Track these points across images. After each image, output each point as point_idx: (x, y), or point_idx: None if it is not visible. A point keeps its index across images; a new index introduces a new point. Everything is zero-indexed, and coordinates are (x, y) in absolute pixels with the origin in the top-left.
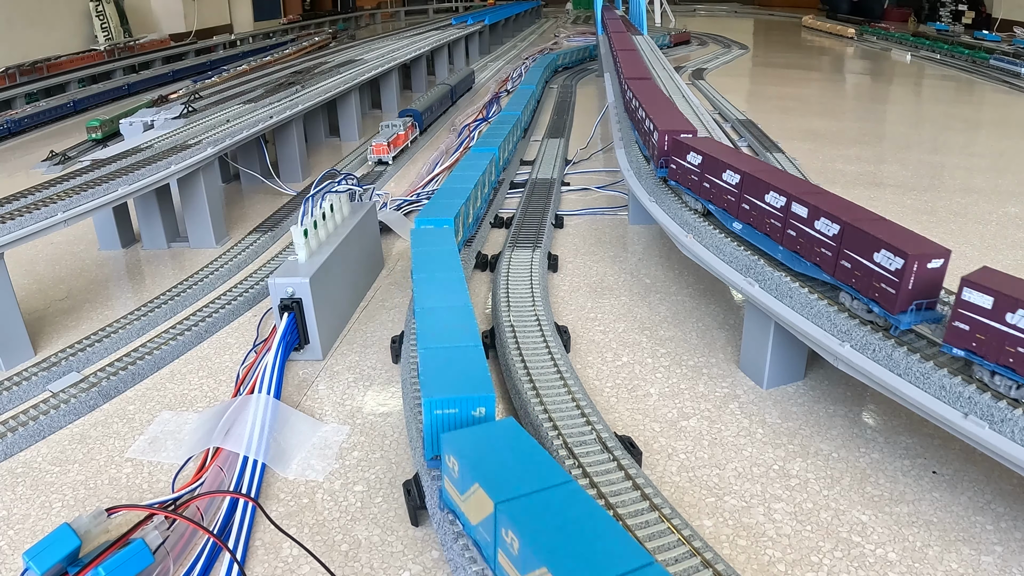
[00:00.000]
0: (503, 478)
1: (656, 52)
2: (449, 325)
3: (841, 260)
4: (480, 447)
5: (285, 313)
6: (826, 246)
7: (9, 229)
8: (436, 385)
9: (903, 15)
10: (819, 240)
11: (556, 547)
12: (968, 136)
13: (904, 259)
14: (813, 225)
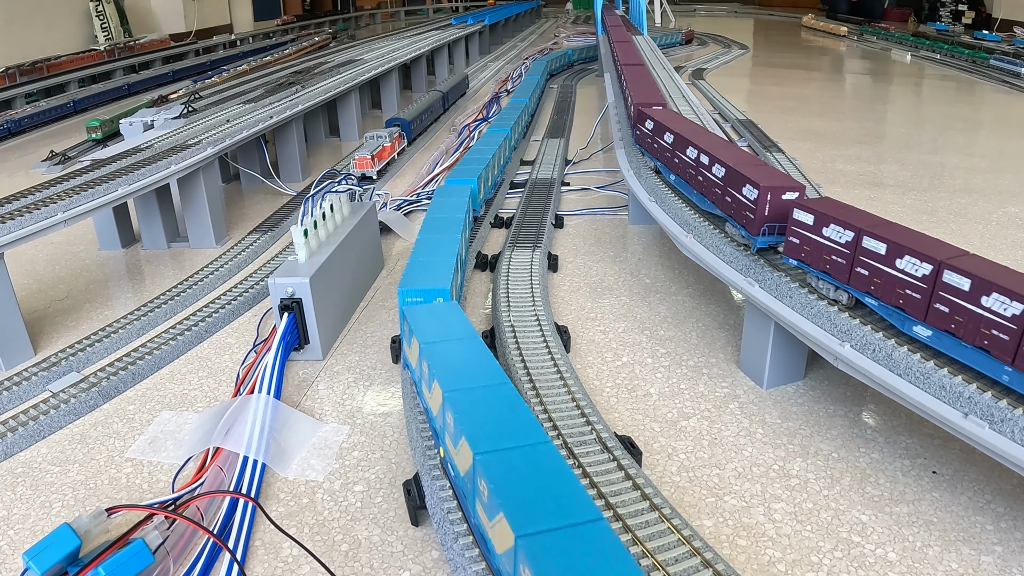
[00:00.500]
0: (486, 434)
1: (656, 52)
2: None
3: (725, 196)
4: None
5: (285, 313)
6: (717, 187)
7: (9, 229)
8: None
9: (903, 15)
10: (712, 182)
11: (516, 497)
12: (968, 136)
13: (758, 190)
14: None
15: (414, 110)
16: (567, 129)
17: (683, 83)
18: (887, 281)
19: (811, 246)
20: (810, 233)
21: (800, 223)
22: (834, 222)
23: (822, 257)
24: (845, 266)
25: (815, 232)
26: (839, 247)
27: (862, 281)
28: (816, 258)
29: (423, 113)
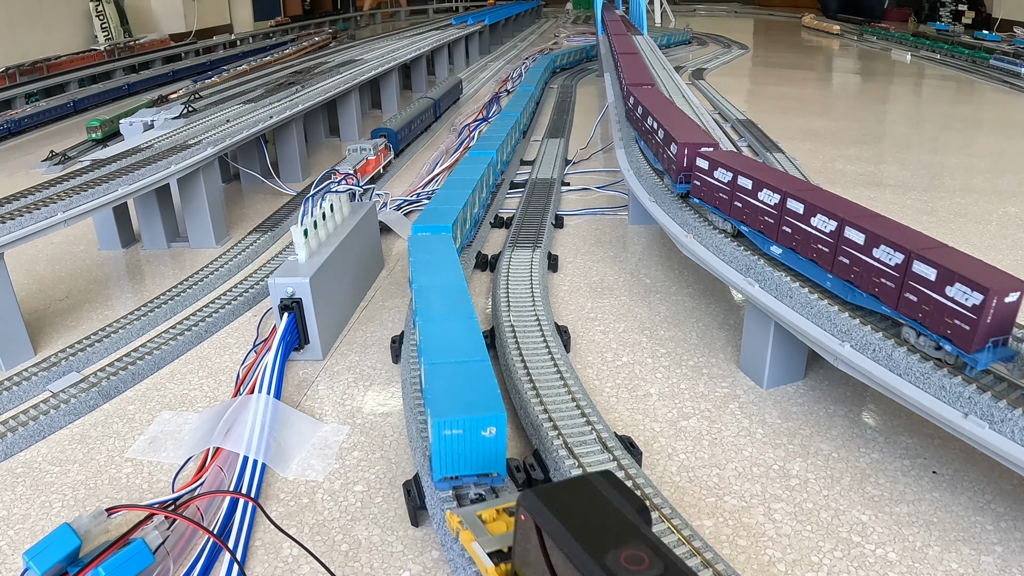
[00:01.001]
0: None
1: (656, 52)
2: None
3: (664, 154)
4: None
5: (285, 313)
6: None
7: (9, 229)
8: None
9: (903, 15)
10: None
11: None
12: (968, 136)
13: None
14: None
15: (402, 119)
16: (567, 129)
17: (683, 83)
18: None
19: (708, 188)
20: (707, 176)
21: (701, 169)
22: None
23: (714, 196)
24: (727, 201)
25: (707, 175)
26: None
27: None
28: (707, 195)
29: (412, 122)
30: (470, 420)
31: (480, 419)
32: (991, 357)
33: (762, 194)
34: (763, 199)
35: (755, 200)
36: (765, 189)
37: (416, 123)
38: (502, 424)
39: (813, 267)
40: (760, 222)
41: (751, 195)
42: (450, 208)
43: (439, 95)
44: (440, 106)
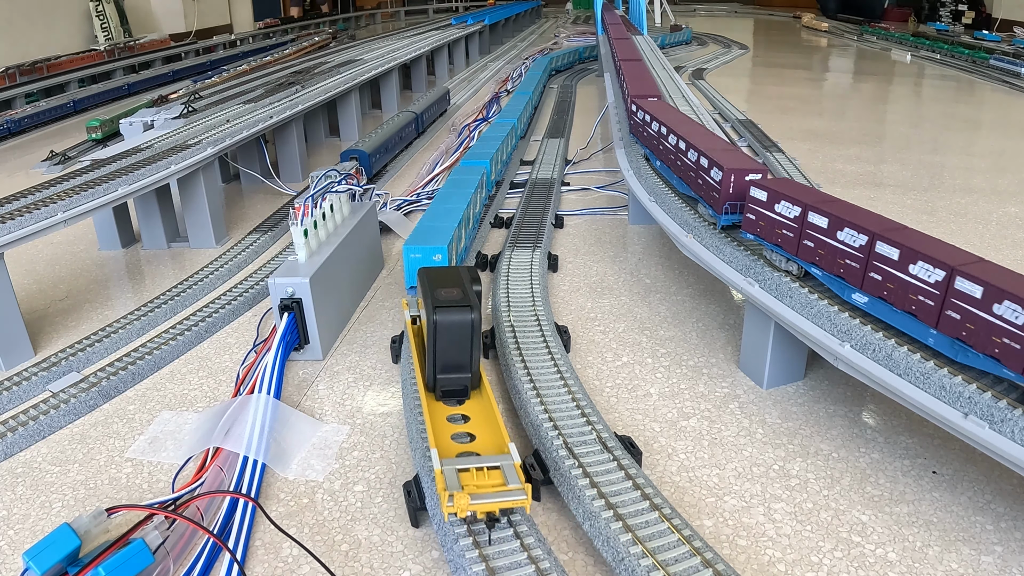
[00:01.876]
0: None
1: (656, 53)
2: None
3: (698, 179)
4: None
5: (285, 313)
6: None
7: (9, 229)
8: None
9: (903, 15)
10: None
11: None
12: (968, 136)
13: (721, 171)
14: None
15: (377, 138)
16: (567, 129)
17: (683, 83)
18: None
19: (766, 222)
20: (764, 210)
21: (755, 200)
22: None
23: (775, 232)
24: (793, 239)
25: (768, 209)
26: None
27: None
28: (769, 232)
29: (389, 141)
30: (424, 248)
31: (431, 248)
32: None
33: (843, 234)
34: (844, 240)
35: (833, 240)
36: (847, 228)
37: (394, 141)
38: (444, 252)
39: (911, 321)
40: (839, 265)
41: (827, 234)
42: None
43: (422, 108)
44: (423, 121)
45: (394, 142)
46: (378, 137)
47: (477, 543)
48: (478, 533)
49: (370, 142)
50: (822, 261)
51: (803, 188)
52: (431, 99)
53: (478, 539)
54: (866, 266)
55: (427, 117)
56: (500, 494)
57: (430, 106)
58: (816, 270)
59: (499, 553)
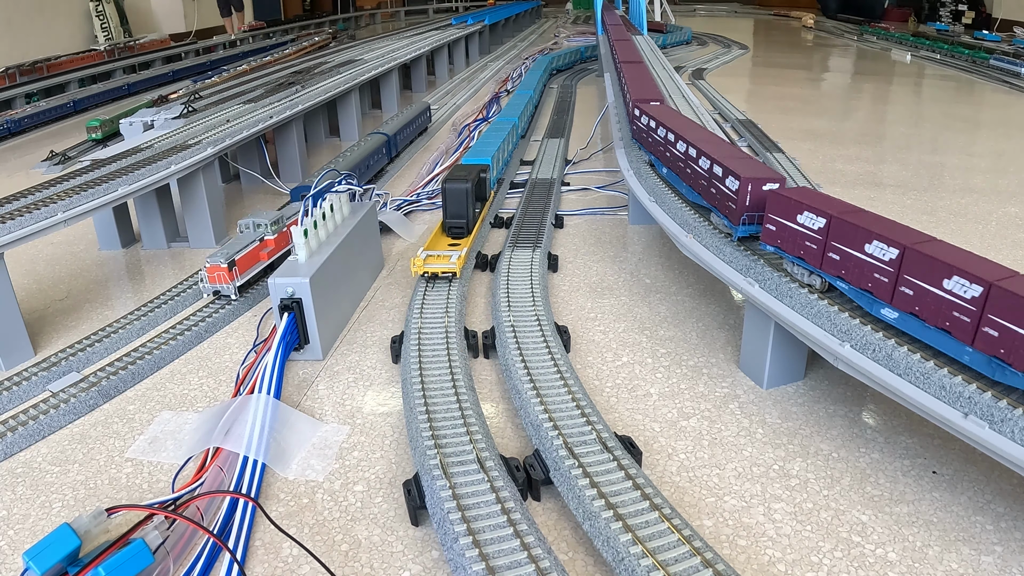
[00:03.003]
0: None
1: (656, 53)
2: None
3: (711, 188)
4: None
5: (285, 313)
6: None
7: (9, 229)
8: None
9: (903, 15)
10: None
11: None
12: (968, 136)
13: (738, 181)
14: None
15: (340, 168)
16: (567, 129)
17: (683, 83)
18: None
19: (786, 233)
20: (787, 222)
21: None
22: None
23: (797, 243)
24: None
25: (791, 220)
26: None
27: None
28: (791, 244)
29: (354, 172)
30: (475, 160)
31: (480, 160)
32: None
33: (871, 247)
34: (873, 252)
35: (860, 253)
36: (876, 241)
37: (358, 172)
38: (489, 162)
39: (945, 337)
40: (867, 279)
41: (855, 247)
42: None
43: (395, 129)
44: (396, 143)
45: (360, 171)
46: (342, 167)
47: (477, 543)
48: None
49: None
50: (848, 274)
51: (827, 198)
52: (407, 118)
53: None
54: (896, 280)
55: (402, 139)
56: (443, 266)
57: (406, 126)
58: (842, 284)
59: (499, 552)
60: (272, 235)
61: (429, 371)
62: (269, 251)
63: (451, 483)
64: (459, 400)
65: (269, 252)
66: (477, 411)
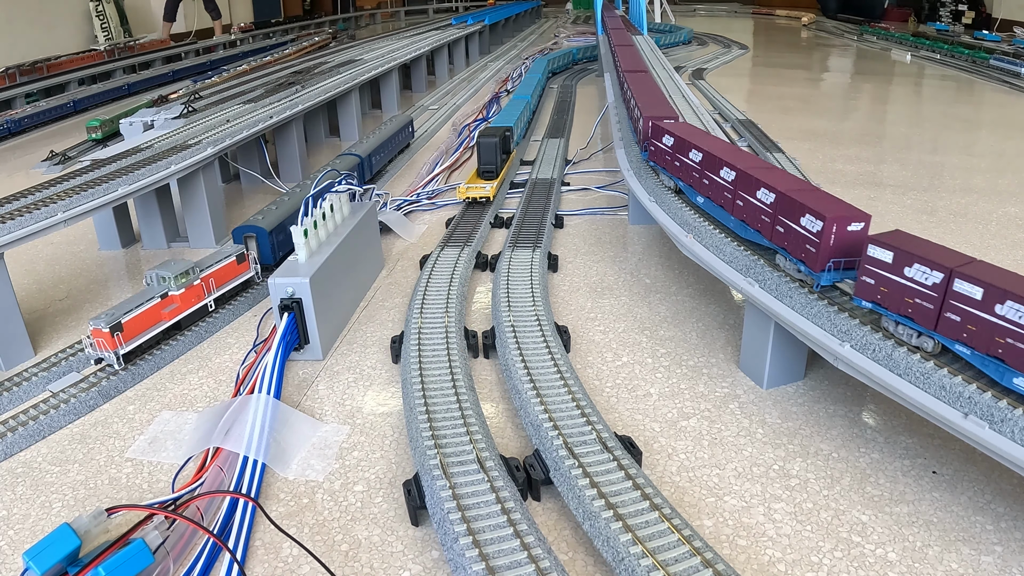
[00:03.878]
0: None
1: (657, 54)
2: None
3: (777, 226)
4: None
5: (285, 313)
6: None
7: (9, 229)
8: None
9: (903, 15)
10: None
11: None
12: (968, 136)
13: (822, 221)
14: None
15: (288, 207)
16: (567, 129)
17: (683, 83)
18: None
19: (890, 287)
20: (889, 273)
21: (875, 261)
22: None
23: (904, 300)
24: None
25: (896, 273)
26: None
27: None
28: (895, 301)
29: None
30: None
31: (507, 119)
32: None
33: (1004, 308)
34: (1006, 315)
35: (988, 315)
36: (1011, 302)
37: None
38: (513, 125)
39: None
40: (997, 344)
41: (981, 307)
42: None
43: (370, 149)
44: (371, 165)
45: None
46: (290, 204)
47: (477, 543)
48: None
49: (276, 212)
50: (972, 338)
51: (942, 249)
52: (384, 135)
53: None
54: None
55: (378, 160)
56: (479, 192)
57: (382, 145)
58: (963, 348)
59: (499, 552)
60: (178, 290)
61: (429, 371)
62: (173, 310)
63: (451, 483)
64: (459, 400)
65: (173, 311)
66: (477, 411)
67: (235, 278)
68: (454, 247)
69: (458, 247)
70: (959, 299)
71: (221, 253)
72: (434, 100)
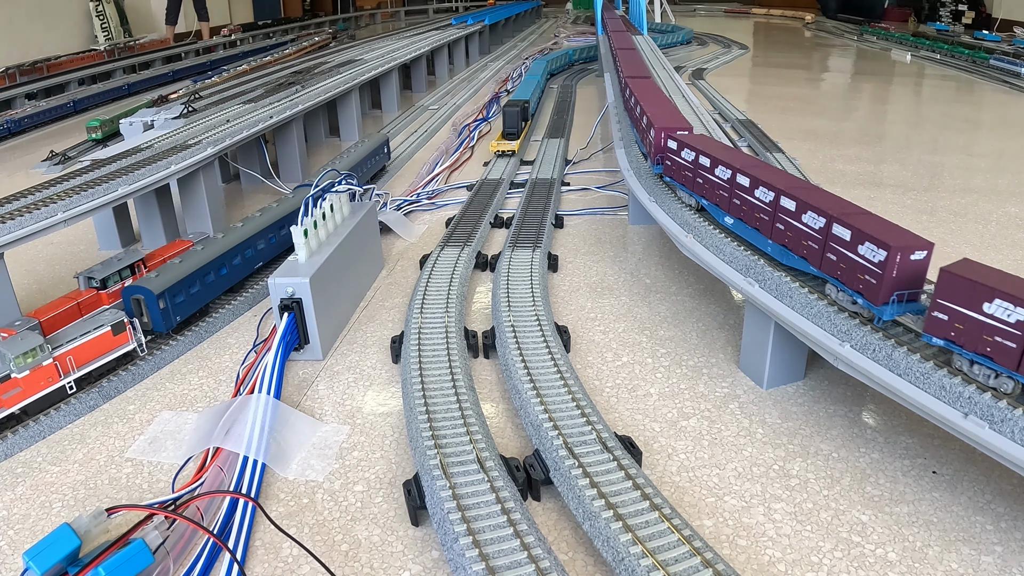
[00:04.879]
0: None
1: (657, 53)
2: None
3: (828, 253)
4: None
5: (285, 313)
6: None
7: (9, 229)
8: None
9: (903, 15)
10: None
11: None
12: (968, 136)
13: (886, 251)
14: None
15: (188, 266)
16: (567, 129)
17: (683, 83)
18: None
19: (965, 324)
20: (965, 309)
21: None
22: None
23: (981, 338)
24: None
25: (973, 309)
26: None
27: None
28: (971, 338)
29: (230, 256)
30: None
31: (524, 93)
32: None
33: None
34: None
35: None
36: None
37: (252, 253)
38: (529, 97)
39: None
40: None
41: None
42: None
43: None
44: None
45: (249, 261)
46: (202, 256)
47: (477, 543)
48: None
49: (176, 270)
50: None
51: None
52: (353, 160)
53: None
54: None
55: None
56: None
57: (347, 176)
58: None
59: (499, 552)
60: (19, 372)
61: (429, 371)
62: (14, 396)
63: (451, 483)
64: (459, 400)
65: (13, 398)
66: (477, 411)
67: (108, 352)
68: (454, 247)
69: (458, 247)
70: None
71: (96, 321)
72: (434, 100)
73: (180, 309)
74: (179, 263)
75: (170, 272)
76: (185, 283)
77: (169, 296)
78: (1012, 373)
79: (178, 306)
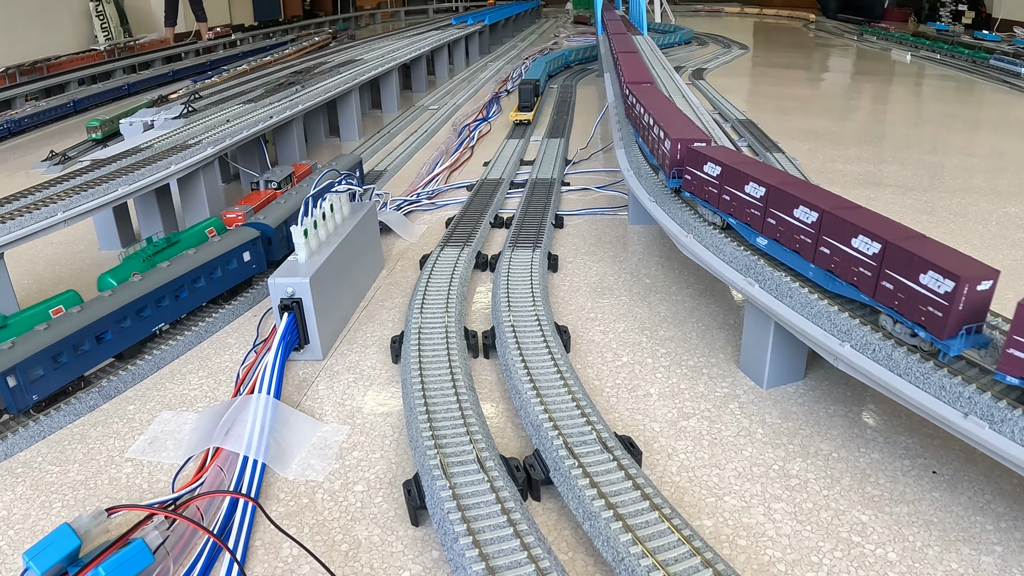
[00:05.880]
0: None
1: (656, 53)
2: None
3: (883, 281)
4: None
5: (285, 313)
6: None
7: (9, 229)
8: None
9: (903, 15)
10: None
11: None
12: (968, 136)
13: (955, 281)
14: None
15: (30, 346)
16: (567, 129)
17: (683, 83)
18: None
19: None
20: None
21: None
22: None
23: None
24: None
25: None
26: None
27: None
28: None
29: (128, 318)
30: (531, 76)
31: (534, 75)
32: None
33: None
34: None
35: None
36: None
37: (189, 295)
38: (540, 76)
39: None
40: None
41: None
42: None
43: (282, 217)
44: (283, 243)
45: (184, 301)
46: (47, 338)
47: (477, 543)
48: None
49: (23, 347)
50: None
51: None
52: (300, 199)
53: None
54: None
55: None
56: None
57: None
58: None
59: (499, 552)
60: None
61: (429, 371)
62: None
63: (451, 483)
64: (459, 400)
65: None
66: (477, 411)
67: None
68: (454, 247)
69: (458, 247)
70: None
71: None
72: (434, 100)
73: (38, 387)
74: (8, 348)
75: (17, 350)
76: (36, 361)
77: (21, 373)
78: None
79: (35, 384)
